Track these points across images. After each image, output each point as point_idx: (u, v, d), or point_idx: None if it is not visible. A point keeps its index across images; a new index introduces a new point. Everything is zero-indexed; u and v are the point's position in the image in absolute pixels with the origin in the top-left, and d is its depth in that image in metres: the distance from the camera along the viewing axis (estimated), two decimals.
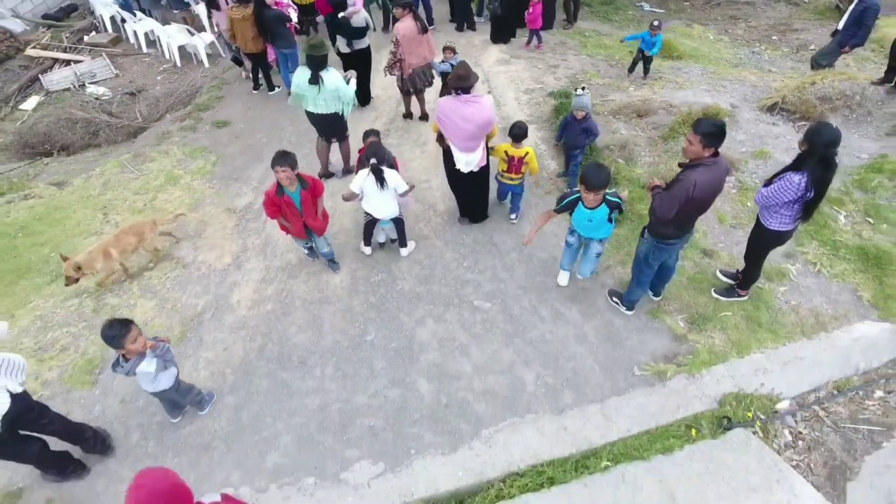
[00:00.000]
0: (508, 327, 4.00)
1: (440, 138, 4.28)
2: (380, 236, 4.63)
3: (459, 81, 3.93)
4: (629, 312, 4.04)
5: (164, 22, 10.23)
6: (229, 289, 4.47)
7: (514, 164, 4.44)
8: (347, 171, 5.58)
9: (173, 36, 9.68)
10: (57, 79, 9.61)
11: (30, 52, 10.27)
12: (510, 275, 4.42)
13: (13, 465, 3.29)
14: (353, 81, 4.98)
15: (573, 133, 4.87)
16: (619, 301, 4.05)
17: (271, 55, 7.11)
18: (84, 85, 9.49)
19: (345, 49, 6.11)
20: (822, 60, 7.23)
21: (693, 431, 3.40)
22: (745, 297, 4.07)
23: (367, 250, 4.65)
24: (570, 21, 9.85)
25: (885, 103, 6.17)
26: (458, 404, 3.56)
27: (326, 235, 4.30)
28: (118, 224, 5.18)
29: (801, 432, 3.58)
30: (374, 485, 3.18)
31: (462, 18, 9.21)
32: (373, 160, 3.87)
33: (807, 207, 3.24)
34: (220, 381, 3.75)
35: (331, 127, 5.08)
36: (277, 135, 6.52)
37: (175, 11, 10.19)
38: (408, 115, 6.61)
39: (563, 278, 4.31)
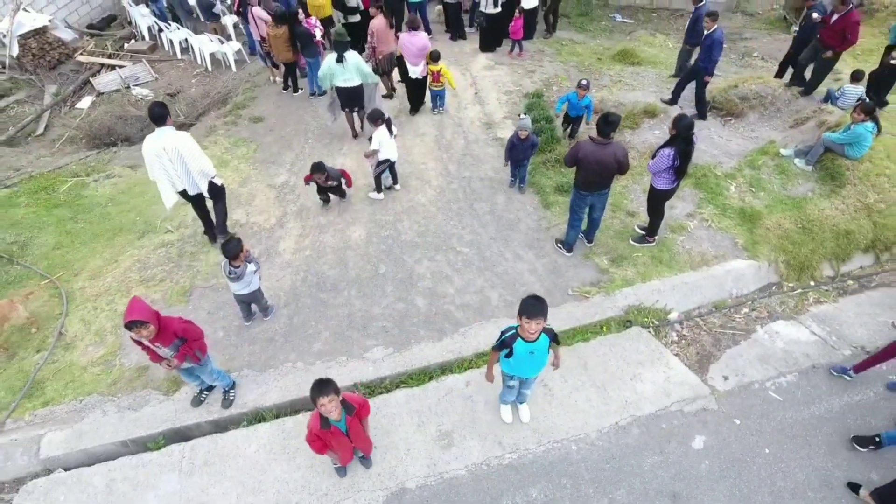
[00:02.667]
0: (481, 264, 5.55)
1: (400, 58, 7.63)
2: (385, 182, 6.53)
3: (411, 24, 7.47)
4: (568, 254, 5.58)
5: (196, 31, 11.76)
6: (276, 241, 6.02)
7: (435, 76, 7.69)
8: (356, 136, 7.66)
9: (205, 44, 11.21)
10: (106, 81, 11.16)
11: (80, 58, 11.81)
12: (485, 230, 5.98)
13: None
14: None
15: (520, 149, 6.08)
16: (561, 245, 5.60)
17: (302, 61, 8.67)
18: (129, 87, 11.03)
19: (344, 21, 9.19)
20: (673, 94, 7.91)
21: (604, 328, 4.96)
22: (654, 244, 5.61)
23: (381, 196, 6.44)
24: (550, 31, 11.38)
25: (791, 102, 7.70)
26: (444, 313, 5.11)
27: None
28: None
29: (684, 334, 5.14)
30: (386, 360, 4.74)
31: (455, 30, 10.74)
32: (386, 115, 5.93)
33: (678, 172, 4.80)
34: (276, 300, 5.29)
35: (356, 98, 7.01)
36: (303, 128, 8.06)
37: (206, 22, 11.70)
38: (387, 95, 8.54)
39: (507, 414, 4.29)
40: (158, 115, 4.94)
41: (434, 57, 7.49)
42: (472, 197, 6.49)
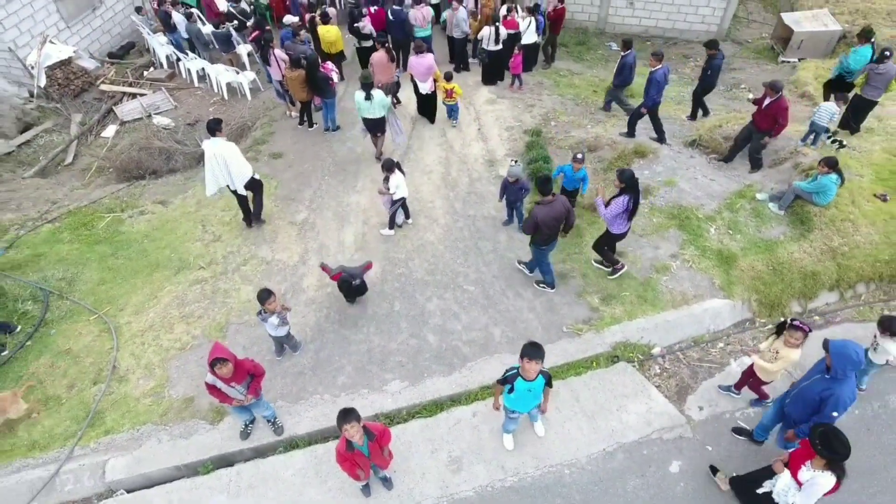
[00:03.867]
0: (485, 302, 6.20)
1: (412, 76, 8.97)
2: (398, 220, 7.19)
3: (417, 49, 8.68)
4: (552, 290, 6.23)
5: (212, 61, 12.38)
6: (300, 278, 6.66)
7: (448, 93, 8.99)
8: (379, 156, 8.63)
9: (221, 73, 11.83)
10: (128, 110, 11.80)
11: (102, 86, 12.45)
12: (488, 269, 6.63)
13: (188, 379, 5.50)
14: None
15: (512, 191, 6.74)
16: (544, 285, 6.27)
17: (317, 101, 9.33)
18: (150, 115, 11.65)
19: (357, 45, 10.77)
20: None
21: (594, 363, 5.61)
22: (626, 268, 6.32)
23: (391, 232, 7.11)
24: (549, 62, 12.02)
25: (771, 144, 8.31)
26: (453, 349, 5.76)
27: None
28: (215, 233, 7.37)
29: (665, 367, 5.78)
30: (402, 392, 5.39)
31: (459, 62, 11.38)
32: (397, 160, 6.82)
33: (630, 215, 5.60)
34: (303, 335, 5.94)
35: (378, 126, 8.18)
36: (320, 164, 8.70)
37: (223, 53, 12.31)
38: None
39: (509, 441, 4.95)
40: (212, 127, 6.59)
41: (447, 77, 8.98)
42: (477, 236, 7.14)
